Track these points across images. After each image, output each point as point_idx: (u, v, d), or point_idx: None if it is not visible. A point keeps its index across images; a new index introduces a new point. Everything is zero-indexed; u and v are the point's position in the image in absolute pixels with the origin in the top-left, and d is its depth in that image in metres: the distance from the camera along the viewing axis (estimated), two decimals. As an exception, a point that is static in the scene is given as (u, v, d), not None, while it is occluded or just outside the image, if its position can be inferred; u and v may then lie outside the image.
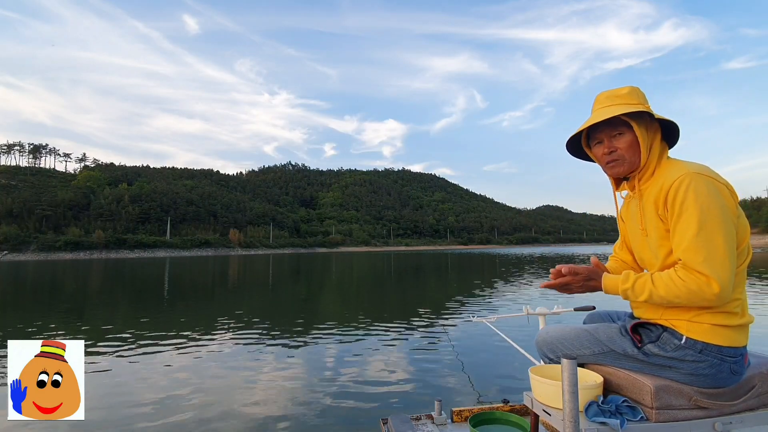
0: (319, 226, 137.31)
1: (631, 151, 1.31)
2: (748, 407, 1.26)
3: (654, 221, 1.27)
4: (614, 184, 1.44)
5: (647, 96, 1.36)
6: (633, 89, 1.34)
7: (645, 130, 1.30)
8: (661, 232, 1.26)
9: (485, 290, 11.41)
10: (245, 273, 22.30)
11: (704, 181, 1.16)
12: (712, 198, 1.15)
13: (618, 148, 1.33)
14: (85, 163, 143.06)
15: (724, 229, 1.14)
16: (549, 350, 1.50)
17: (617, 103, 1.32)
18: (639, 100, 1.32)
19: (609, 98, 1.35)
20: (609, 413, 1.20)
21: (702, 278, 1.13)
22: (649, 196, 1.29)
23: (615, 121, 1.31)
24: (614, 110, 1.29)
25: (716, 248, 1.13)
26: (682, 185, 1.17)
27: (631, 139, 1.31)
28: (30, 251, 65.98)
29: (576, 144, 1.48)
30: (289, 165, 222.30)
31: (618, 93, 1.34)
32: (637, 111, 1.28)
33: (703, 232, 1.13)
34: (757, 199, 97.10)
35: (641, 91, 1.35)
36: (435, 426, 2.12)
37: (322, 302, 10.57)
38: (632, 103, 1.31)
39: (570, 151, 1.51)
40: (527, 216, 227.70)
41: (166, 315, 8.45)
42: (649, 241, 1.31)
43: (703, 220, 1.14)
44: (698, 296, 1.14)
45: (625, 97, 1.32)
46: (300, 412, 3.15)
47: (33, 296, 12.44)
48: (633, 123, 1.29)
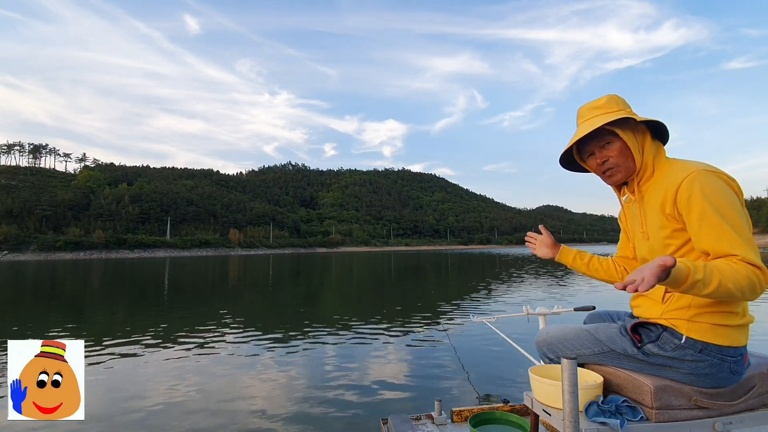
0: (319, 226, 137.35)
1: (623, 157, 1.34)
2: (748, 407, 1.26)
3: (659, 221, 1.27)
4: (617, 190, 1.46)
5: (634, 98, 1.40)
6: (611, 97, 1.37)
7: (632, 135, 1.32)
8: (667, 231, 1.26)
9: (485, 290, 11.41)
10: (245, 273, 22.29)
11: (713, 177, 1.18)
12: (726, 193, 1.17)
13: (610, 157, 1.35)
14: (85, 163, 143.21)
15: (746, 220, 1.16)
16: (549, 350, 1.51)
17: (597, 114, 1.35)
18: (619, 107, 1.35)
19: (590, 110, 1.38)
20: (609, 413, 1.20)
21: (759, 271, 1.11)
22: (651, 197, 1.30)
23: (601, 131, 1.34)
24: (595, 122, 1.32)
25: (753, 241, 1.14)
26: (694, 184, 1.17)
27: (620, 146, 1.33)
28: (30, 251, 65.94)
29: (570, 158, 1.50)
30: (289, 165, 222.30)
31: (596, 104, 1.37)
32: (619, 118, 1.30)
33: (736, 227, 1.14)
34: (757, 199, 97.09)
35: (619, 97, 1.38)
36: (435, 426, 2.12)
37: (322, 302, 10.57)
38: (612, 110, 1.33)
39: (565, 165, 1.53)
40: (527, 216, 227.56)
41: (166, 315, 8.45)
42: (651, 242, 1.32)
43: (729, 215, 1.14)
44: (759, 288, 1.13)
45: (604, 107, 1.35)
46: (300, 412, 3.15)
47: (33, 296, 12.43)
48: (618, 130, 1.32)
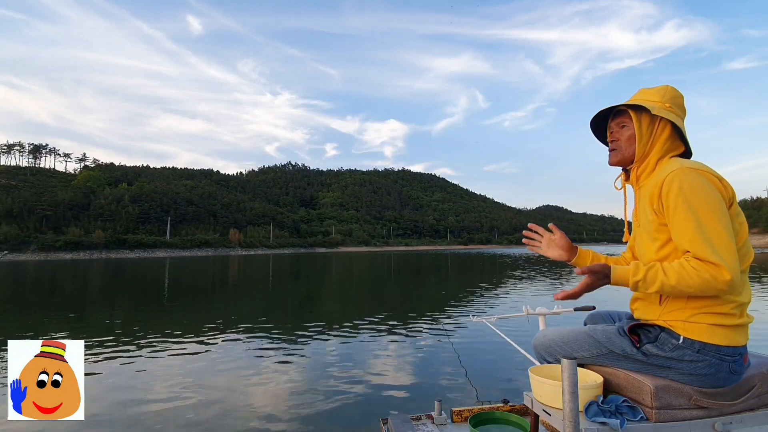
0: (319, 226, 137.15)
1: (628, 143, 1.37)
2: (748, 407, 1.25)
3: (649, 215, 1.29)
4: (623, 177, 1.47)
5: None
6: (663, 87, 1.37)
7: (646, 125, 1.34)
8: (655, 225, 1.28)
9: (485, 290, 11.41)
10: (245, 273, 22.29)
11: (695, 174, 1.19)
12: (704, 190, 1.17)
13: (619, 138, 1.40)
14: (85, 163, 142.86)
15: (722, 217, 1.16)
16: (547, 353, 1.50)
17: (638, 98, 1.37)
18: (657, 98, 1.34)
19: (638, 92, 1.41)
20: (609, 413, 1.20)
21: (713, 267, 1.12)
22: (645, 191, 1.32)
23: (622, 113, 1.39)
24: (623, 103, 1.37)
25: (720, 237, 1.14)
26: (674, 180, 1.19)
27: (632, 132, 1.36)
28: (30, 251, 65.87)
29: (603, 130, 1.51)
30: (289, 165, 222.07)
31: (647, 89, 1.40)
32: (638, 105, 1.33)
33: (705, 223, 1.15)
34: (757, 199, 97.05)
35: (672, 89, 1.36)
36: (435, 426, 2.12)
37: (322, 302, 10.57)
38: (648, 98, 1.35)
39: (595, 134, 1.54)
40: (527, 216, 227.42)
41: (166, 315, 8.45)
42: (642, 233, 1.35)
43: (701, 212, 1.15)
44: (710, 285, 1.13)
45: (649, 93, 1.37)
46: (300, 411, 3.16)
47: (33, 296, 12.43)
48: (633, 114, 1.34)
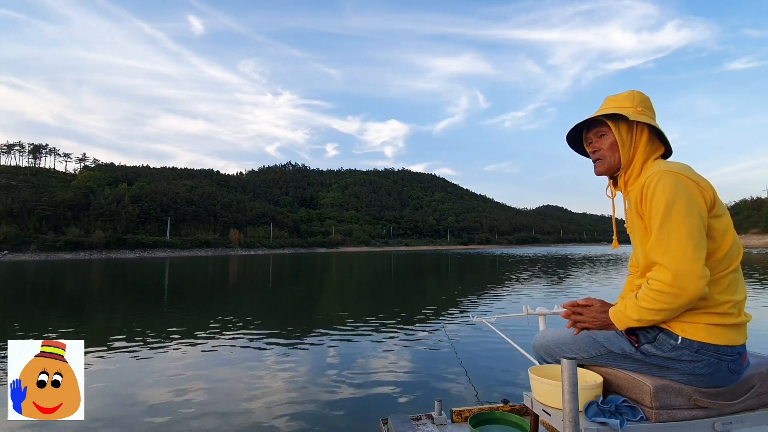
0: (319, 226, 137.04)
1: (611, 151, 1.38)
2: (748, 407, 1.26)
3: (637, 219, 1.31)
4: (612, 185, 1.47)
5: (651, 96, 1.38)
6: (630, 93, 1.39)
7: (625, 131, 1.35)
8: (641, 230, 1.30)
9: (485, 290, 11.41)
10: (245, 273, 22.29)
11: (671, 177, 1.19)
12: (677, 193, 1.17)
13: (600, 148, 1.40)
14: (85, 163, 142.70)
15: (688, 222, 1.15)
16: (546, 354, 1.50)
17: (611, 106, 1.38)
18: (628, 104, 1.36)
19: (608, 100, 1.42)
20: (609, 413, 1.20)
21: (660, 269, 1.15)
22: (632, 196, 1.33)
23: (599, 123, 1.40)
24: (597, 113, 1.38)
25: (676, 241, 1.14)
26: (651, 183, 1.21)
27: (612, 140, 1.37)
28: (30, 251, 65.83)
29: (579, 141, 1.53)
30: (289, 165, 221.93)
31: (616, 96, 1.41)
32: (614, 113, 1.33)
33: (666, 226, 1.16)
34: (757, 199, 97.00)
35: (640, 94, 1.38)
36: (435, 426, 2.12)
37: (322, 302, 10.56)
38: (620, 106, 1.37)
39: (572, 147, 1.55)
40: (527, 216, 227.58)
41: (166, 315, 8.45)
42: (634, 239, 1.36)
43: (667, 215, 1.16)
44: (664, 293, 1.14)
45: (618, 100, 1.39)
46: (300, 412, 3.16)
47: (33, 296, 12.43)
48: (610, 124, 1.35)
